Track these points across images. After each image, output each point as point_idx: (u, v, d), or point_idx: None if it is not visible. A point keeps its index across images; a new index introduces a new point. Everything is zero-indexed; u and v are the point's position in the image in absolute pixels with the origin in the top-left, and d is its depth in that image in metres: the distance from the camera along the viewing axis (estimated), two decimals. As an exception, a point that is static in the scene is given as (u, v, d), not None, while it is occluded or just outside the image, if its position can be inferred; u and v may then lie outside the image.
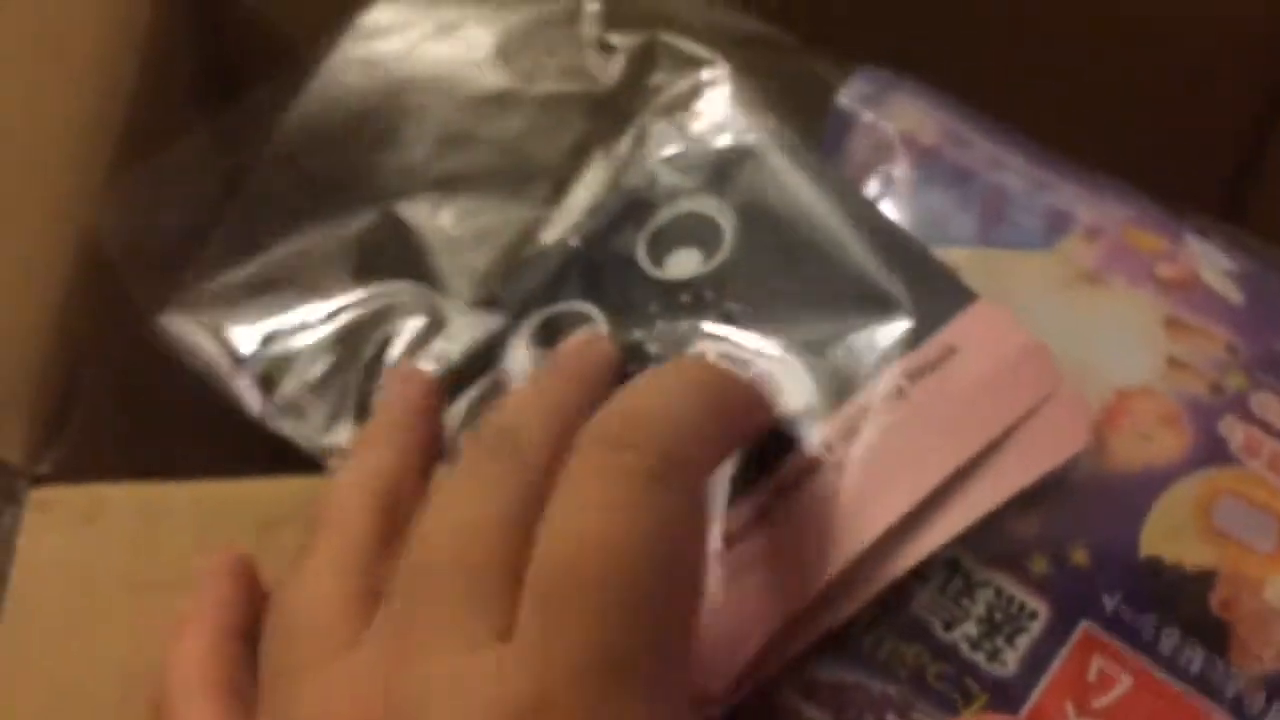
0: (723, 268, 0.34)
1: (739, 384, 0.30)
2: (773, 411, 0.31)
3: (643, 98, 0.38)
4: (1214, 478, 0.30)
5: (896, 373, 0.31)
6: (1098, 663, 0.29)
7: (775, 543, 0.30)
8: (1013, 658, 0.29)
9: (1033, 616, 0.29)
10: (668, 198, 0.36)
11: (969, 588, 0.30)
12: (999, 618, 0.29)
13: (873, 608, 0.30)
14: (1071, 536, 0.30)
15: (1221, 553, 0.30)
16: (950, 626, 0.29)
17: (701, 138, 0.37)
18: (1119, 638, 0.29)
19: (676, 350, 0.33)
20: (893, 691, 0.29)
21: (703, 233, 0.35)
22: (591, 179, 0.38)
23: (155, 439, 0.38)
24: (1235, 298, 0.33)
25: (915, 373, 0.31)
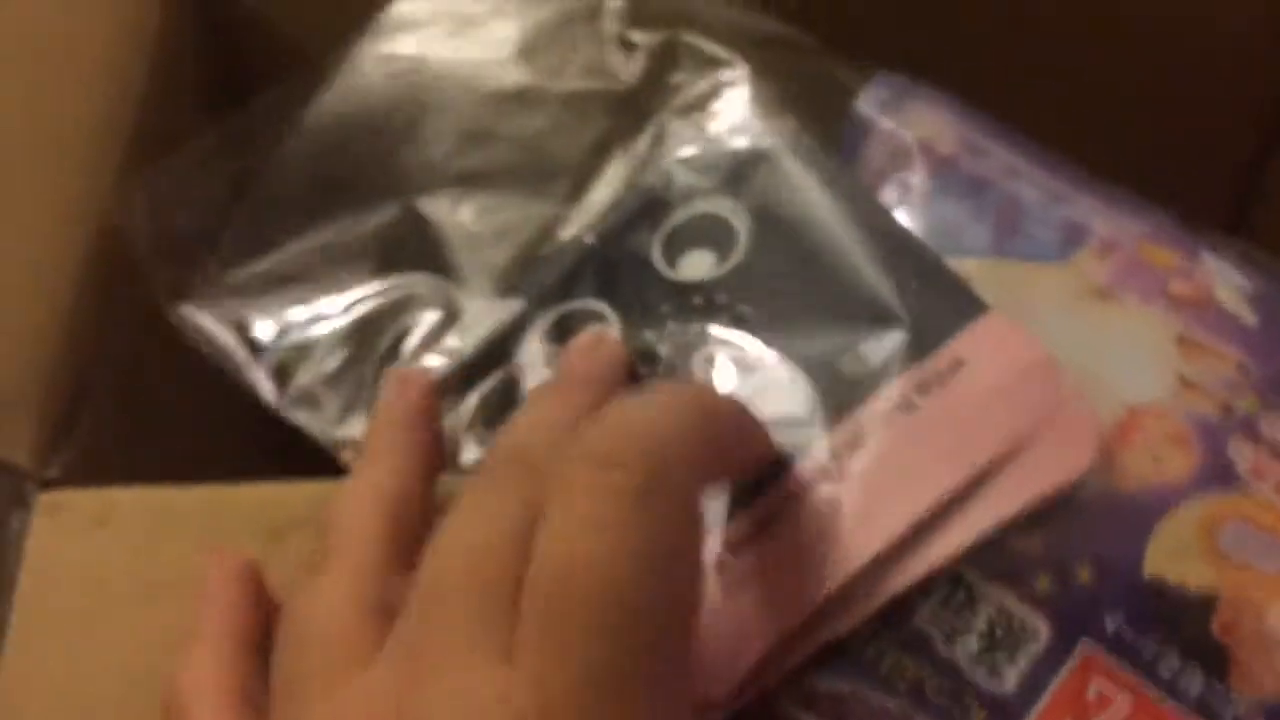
0: (736, 271, 0.34)
1: (732, 408, 0.30)
2: (770, 443, 0.31)
3: (662, 97, 0.38)
4: (1220, 500, 0.30)
5: (904, 385, 0.31)
6: (1097, 683, 0.29)
7: (778, 552, 0.30)
8: (1012, 675, 0.29)
9: (1034, 634, 0.29)
10: (684, 198, 0.36)
11: (971, 602, 0.30)
12: (1000, 634, 0.29)
13: (874, 619, 0.30)
14: (1076, 554, 0.30)
15: (1225, 576, 0.29)
16: (951, 641, 0.29)
17: (719, 139, 0.37)
18: (1119, 658, 0.29)
19: (686, 353, 0.33)
20: (892, 705, 0.29)
21: (717, 235, 0.35)
22: (611, 177, 0.38)
23: (163, 442, 0.38)
24: (1249, 318, 0.33)
25: (923, 385, 0.31)
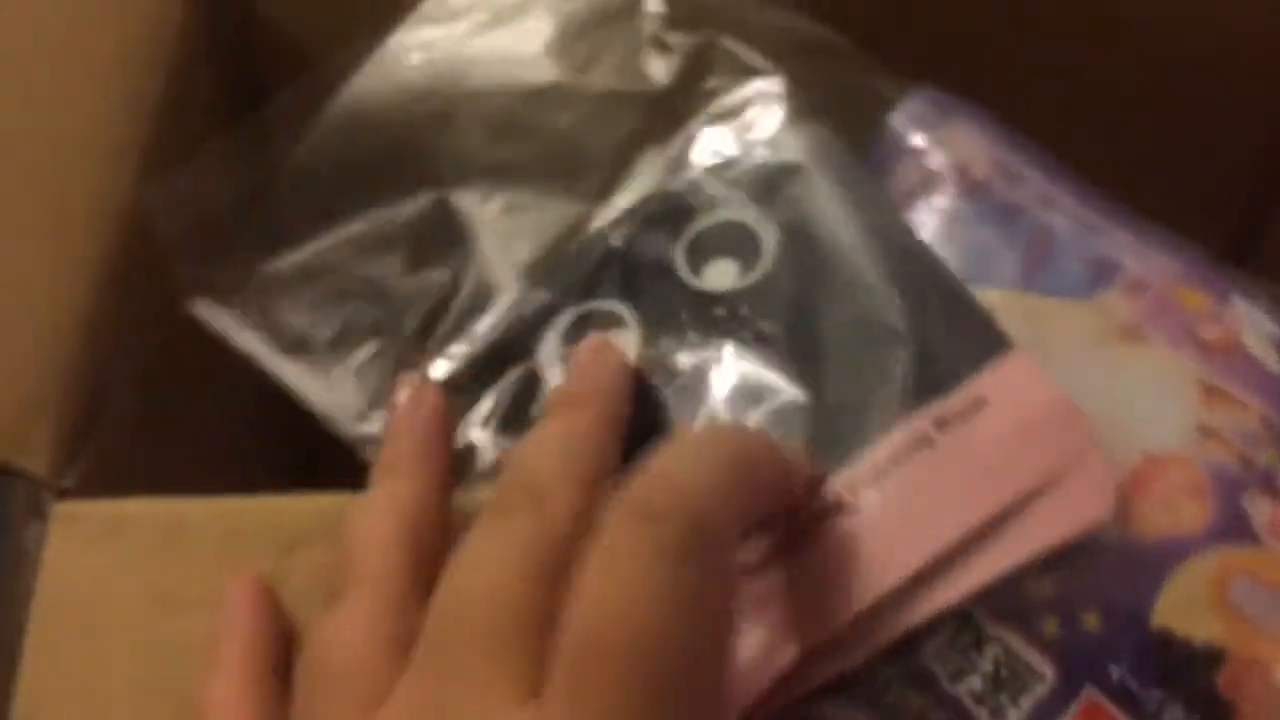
0: (760, 284, 0.34)
1: (769, 452, 0.30)
2: (802, 477, 0.31)
3: (696, 101, 0.37)
4: (1232, 554, 0.30)
5: (925, 420, 0.31)
6: (1099, 731, 0.29)
7: (791, 581, 0.30)
8: (1015, 717, 0.29)
9: (1039, 677, 0.29)
10: (710, 205, 0.36)
11: (978, 642, 0.30)
12: (1005, 675, 0.30)
13: (883, 652, 0.30)
14: (1085, 600, 0.30)
15: (1234, 631, 0.29)
16: (957, 679, 0.30)
17: (751, 148, 0.36)
18: (1122, 708, 0.29)
19: (703, 373, 0.33)
20: (895, 739, 0.30)
21: (742, 244, 0.35)
22: (641, 178, 0.38)
23: (180, 448, 0.39)
24: (1275, 366, 0.32)
25: (943, 422, 0.31)
